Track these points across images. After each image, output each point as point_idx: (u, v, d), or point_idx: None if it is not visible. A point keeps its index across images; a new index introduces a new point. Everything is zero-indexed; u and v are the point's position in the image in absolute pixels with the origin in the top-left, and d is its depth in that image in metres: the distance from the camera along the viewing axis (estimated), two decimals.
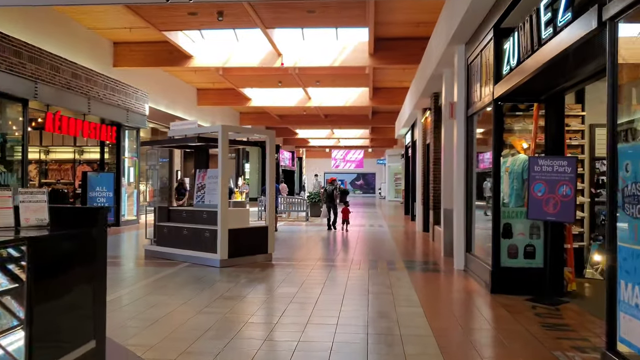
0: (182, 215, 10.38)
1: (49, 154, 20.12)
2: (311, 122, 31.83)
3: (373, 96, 24.18)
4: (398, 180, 39.56)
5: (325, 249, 11.77)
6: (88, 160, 19.86)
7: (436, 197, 13.30)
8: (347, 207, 16.86)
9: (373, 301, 6.65)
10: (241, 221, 9.73)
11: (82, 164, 19.70)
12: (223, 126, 9.13)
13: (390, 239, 13.92)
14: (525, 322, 5.65)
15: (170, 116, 22.34)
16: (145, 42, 17.85)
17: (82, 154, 20.65)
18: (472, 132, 8.89)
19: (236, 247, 9.35)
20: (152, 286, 7.58)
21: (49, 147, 19.88)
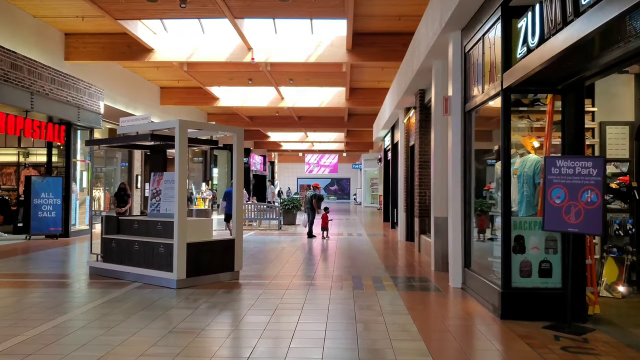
0: (134, 226, 9.13)
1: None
2: (284, 125, 30.72)
3: (350, 97, 23.22)
4: (375, 185, 38.69)
5: (302, 263, 10.64)
6: (35, 164, 18.34)
7: (423, 203, 12.32)
8: (327, 214, 15.85)
9: (363, 333, 5.55)
10: (203, 233, 8.55)
11: (28, 168, 18.21)
12: (180, 121, 7.95)
13: (372, 249, 12.86)
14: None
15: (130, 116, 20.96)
16: (100, 33, 16.55)
17: (27, 156, 19.13)
18: (470, 130, 7.89)
19: (196, 265, 8.16)
20: (90, 315, 6.34)
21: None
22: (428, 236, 11.71)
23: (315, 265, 10.30)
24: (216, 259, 8.41)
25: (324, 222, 15.78)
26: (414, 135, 13.69)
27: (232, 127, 9.28)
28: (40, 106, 14.23)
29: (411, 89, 12.36)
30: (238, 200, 8.73)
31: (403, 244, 14.12)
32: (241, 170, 8.81)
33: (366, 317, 6.23)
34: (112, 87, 19.54)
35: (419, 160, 12.35)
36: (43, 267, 10.21)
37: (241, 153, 8.77)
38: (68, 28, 16.08)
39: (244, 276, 8.90)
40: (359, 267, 10.11)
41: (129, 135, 8.88)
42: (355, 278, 8.83)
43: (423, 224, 12.31)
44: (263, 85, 21.69)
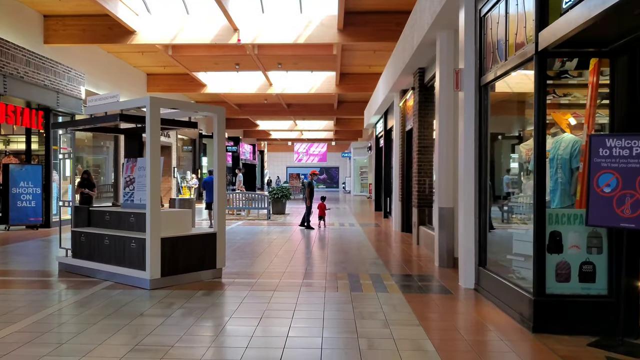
0: (105, 218, 7.78)
1: None
2: (273, 113, 29.31)
3: (340, 82, 21.87)
4: (364, 174, 37.45)
5: (292, 258, 9.36)
6: (17, 152, 16.89)
7: (422, 192, 11.07)
8: (324, 203, 14.76)
9: (368, 354, 4.28)
10: (180, 226, 7.23)
11: (9, 156, 16.74)
12: (152, 98, 6.60)
13: (367, 242, 11.61)
14: None
15: None
16: (80, 15, 15.06)
17: (8, 143, 17.65)
18: (485, 107, 6.63)
19: (173, 262, 6.86)
20: (41, 326, 5.02)
21: None
22: (428, 228, 10.49)
23: (307, 260, 9.02)
24: (195, 256, 7.10)
25: (321, 211, 14.62)
26: (411, 118, 12.42)
27: (212, 106, 7.97)
28: (15, 90, 12.79)
29: (409, 67, 11.05)
30: (219, 188, 7.40)
31: (399, 236, 12.88)
32: (223, 155, 7.47)
33: (369, 329, 4.97)
34: (95, 72, 18.03)
35: (418, 145, 11.08)
36: (11, 262, 8.85)
37: (222, 135, 7.42)
38: (46, 9, 14.58)
39: (228, 274, 7.61)
40: (354, 262, 8.85)
41: (97, 116, 7.51)
42: (351, 276, 7.57)
43: (422, 214, 11.07)
44: (251, 69, 20.25)
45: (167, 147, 24.91)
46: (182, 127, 7.96)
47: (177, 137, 25.94)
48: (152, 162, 6.64)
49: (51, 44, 14.96)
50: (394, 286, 6.92)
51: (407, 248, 10.73)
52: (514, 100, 7.05)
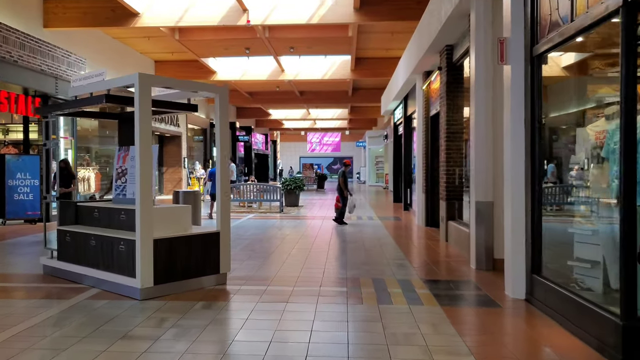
0: (94, 215, 6.77)
1: None
2: (285, 101, 28.21)
3: (355, 67, 20.69)
4: (380, 163, 36.26)
5: (307, 258, 8.31)
6: (16, 142, 16.04)
7: (451, 183, 9.94)
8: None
9: None
10: (178, 225, 6.20)
11: (8, 146, 15.93)
12: (141, 75, 5.55)
13: (389, 238, 10.52)
14: None
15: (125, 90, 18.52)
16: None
17: (7, 133, 16.77)
18: (539, 82, 5.48)
19: (168, 267, 5.83)
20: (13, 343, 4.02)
21: None
22: (459, 223, 9.37)
23: (324, 261, 7.95)
24: (195, 259, 6.07)
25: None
26: (437, 102, 11.26)
27: (213, 85, 6.92)
28: (8, 75, 11.84)
29: (436, 45, 9.89)
30: (222, 180, 6.34)
31: (423, 231, 11.76)
32: (226, 141, 6.40)
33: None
34: (99, 58, 17.05)
35: (446, 131, 9.93)
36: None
37: (225, 119, 6.35)
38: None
39: (234, 279, 6.58)
40: (378, 263, 7.77)
41: (81, 98, 6.47)
42: (376, 282, 6.50)
43: (451, 208, 9.94)
44: (262, 54, 19.15)
45: (177, 137, 23.96)
46: (179, 110, 6.86)
47: (187, 126, 24.97)
48: (142, 150, 5.60)
49: (51, 27, 13.99)
50: (429, 296, 5.83)
51: (434, 246, 9.62)
52: (569, 76, 5.90)
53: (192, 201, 10.10)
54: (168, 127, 22.74)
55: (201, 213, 11.42)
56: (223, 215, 6.32)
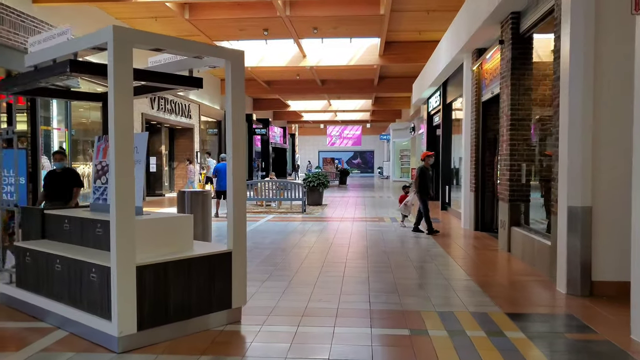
0: (64, 227, 5.10)
1: None
2: (305, 91, 26.48)
3: (384, 52, 18.87)
4: (405, 157, 34.36)
5: (343, 276, 6.59)
6: None
7: (516, 181, 8.14)
8: (406, 195, 11.60)
9: None
10: (174, 242, 4.50)
11: None
12: (117, 29, 3.86)
13: (438, 248, 8.72)
14: None
15: None
16: None
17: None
18: None
19: (159, 305, 4.14)
20: None
21: None
22: (528, 230, 7.58)
23: (366, 281, 6.21)
24: (198, 291, 4.37)
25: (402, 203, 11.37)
26: (493, 84, 9.46)
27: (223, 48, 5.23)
28: None
29: (497, 13, 8.07)
30: (235, 177, 4.60)
31: (474, 237, 9.96)
32: (239, 125, 4.66)
33: None
34: None
35: (510, 118, 8.11)
36: None
37: (240, 94, 4.62)
38: None
39: (252, 310, 4.88)
40: (437, 286, 6.01)
41: (42, 68, 4.78)
42: (444, 318, 4.75)
43: (516, 211, 8.13)
44: (281, 36, 17.44)
45: (189, 130, 22.38)
46: (178, 85, 5.06)
47: (199, 118, 23.37)
48: (119, 137, 3.91)
49: (41, 3, 12.38)
50: (526, 344, 4.06)
51: (495, 258, 7.83)
52: None
53: (201, 204, 8.43)
54: (179, 119, 21.16)
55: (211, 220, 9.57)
56: (237, 227, 4.59)
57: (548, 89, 7.93)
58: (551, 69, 6.47)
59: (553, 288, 5.91)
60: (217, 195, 12.92)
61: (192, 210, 8.43)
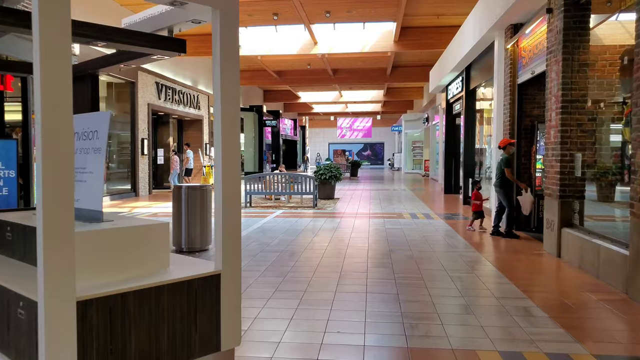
0: (6, 236, 3.72)
1: None
2: (316, 81, 24.99)
3: (399, 38, 17.37)
4: (417, 149, 32.82)
5: (367, 295, 5.20)
6: None
7: (568, 174, 6.70)
8: (478, 191, 9.34)
9: None
10: (138, 263, 3.11)
11: None
12: None
13: (474, 253, 7.30)
14: None
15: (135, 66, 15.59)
16: None
17: None
18: None
19: (112, 357, 2.77)
20: None
21: None
22: (583, 233, 6.14)
23: (395, 299, 4.81)
24: (172, 332, 2.98)
25: (475, 205, 9.17)
26: (533, 63, 7.98)
27: None
28: None
29: None
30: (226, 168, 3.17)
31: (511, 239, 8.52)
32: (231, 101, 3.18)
33: None
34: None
35: (562, 99, 6.64)
36: None
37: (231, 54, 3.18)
38: None
39: (248, 351, 3.51)
40: (488, 309, 4.58)
41: None
42: (508, 357, 3.36)
43: (568, 209, 6.68)
44: (292, 22, 15.99)
45: (198, 121, 21.04)
46: (154, 49, 3.63)
47: (209, 109, 22.02)
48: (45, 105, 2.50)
49: None
50: None
51: (546, 265, 6.39)
52: None
53: (199, 202, 7.05)
54: (188, 110, 19.82)
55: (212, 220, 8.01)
56: (228, 239, 3.17)
57: (610, 64, 6.46)
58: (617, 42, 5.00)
59: (628, 304, 4.49)
60: None
61: (189, 208, 7.08)
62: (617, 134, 6.67)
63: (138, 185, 15.75)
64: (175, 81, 18.68)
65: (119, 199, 14.76)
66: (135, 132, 15.75)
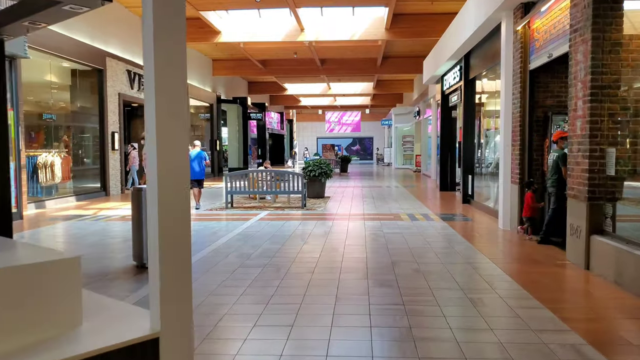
0: None
1: None
2: (303, 72, 23.92)
3: (391, 25, 16.36)
4: (408, 144, 31.89)
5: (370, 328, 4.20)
6: None
7: (598, 172, 5.76)
8: (532, 193, 7.76)
9: None
10: (24, 325, 2.00)
11: None
12: None
13: (489, 263, 6.34)
14: None
15: (102, 52, 14.45)
16: None
17: None
18: None
19: None
20: None
21: None
22: (620, 242, 5.19)
23: (408, 336, 3.82)
24: None
25: (530, 209, 7.72)
26: (551, 45, 7.01)
27: None
28: None
29: None
30: (162, 159, 2.12)
31: (526, 245, 7.58)
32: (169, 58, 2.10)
33: None
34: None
35: (590, 85, 5.68)
36: None
37: None
38: None
39: None
40: (529, 349, 3.60)
41: None
42: None
43: (597, 214, 5.73)
44: (275, 5, 14.92)
45: None
46: None
47: (187, 101, 20.85)
48: None
49: None
50: None
51: (577, 281, 5.45)
52: None
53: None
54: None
55: None
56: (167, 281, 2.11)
57: None
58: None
59: None
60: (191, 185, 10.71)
61: None
62: None
63: (108, 184, 14.60)
64: None
65: (87, 199, 13.61)
66: (105, 125, 14.58)
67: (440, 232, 8.31)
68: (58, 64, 13.39)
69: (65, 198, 12.98)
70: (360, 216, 10.27)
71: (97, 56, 14.08)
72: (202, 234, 8.41)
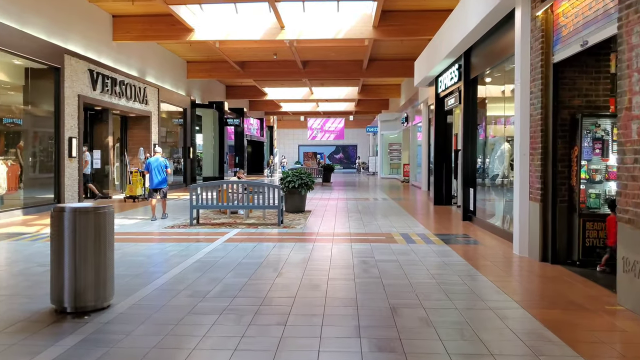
0: None
1: None
2: (284, 74, 22.48)
3: (379, 23, 15.04)
4: (394, 152, 30.57)
5: None
6: None
7: None
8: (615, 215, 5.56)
9: None
10: None
11: None
12: None
13: (519, 309, 4.93)
14: None
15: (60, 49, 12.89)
16: None
17: None
18: None
19: None
20: None
21: None
22: None
23: None
24: None
25: (614, 235, 5.56)
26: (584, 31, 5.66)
27: None
28: None
29: None
30: None
31: (551, 276, 6.20)
32: None
33: None
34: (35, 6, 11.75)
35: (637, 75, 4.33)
36: None
37: None
38: None
39: None
40: None
41: None
42: None
43: None
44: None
45: (145, 118, 18.25)
46: None
47: (159, 105, 19.25)
48: None
49: None
50: None
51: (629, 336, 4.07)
52: None
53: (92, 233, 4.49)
54: (132, 104, 17.07)
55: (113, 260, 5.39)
56: None
57: None
58: None
59: None
60: (150, 195, 11.27)
61: (79, 242, 4.51)
62: None
63: (63, 195, 12.95)
64: (117, 70, 15.92)
65: (37, 212, 11.96)
66: (60, 130, 12.95)
67: (444, 261, 6.88)
68: (9, 60, 11.81)
69: (11, 212, 11.34)
70: (346, 237, 8.82)
71: (54, 53, 12.52)
72: (152, 261, 6.88)
